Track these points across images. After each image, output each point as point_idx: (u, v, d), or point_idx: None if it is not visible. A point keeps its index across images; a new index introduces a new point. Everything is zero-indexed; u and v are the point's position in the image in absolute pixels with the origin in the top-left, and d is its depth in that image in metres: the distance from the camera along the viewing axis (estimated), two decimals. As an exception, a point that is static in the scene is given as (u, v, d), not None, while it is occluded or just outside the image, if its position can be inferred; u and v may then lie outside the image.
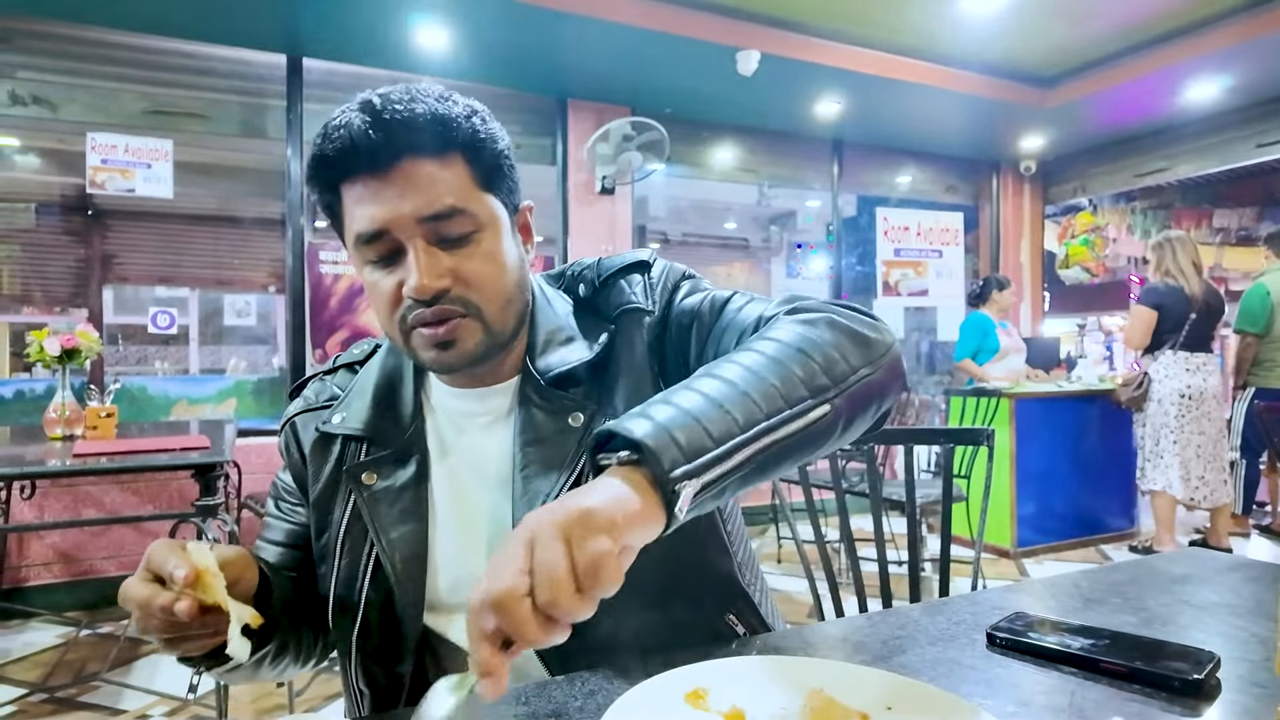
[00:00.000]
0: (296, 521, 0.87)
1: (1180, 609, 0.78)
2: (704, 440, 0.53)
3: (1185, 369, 3.68)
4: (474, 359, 0.74)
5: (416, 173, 0.68)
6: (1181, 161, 5.21)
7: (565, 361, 0.78)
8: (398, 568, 0.77)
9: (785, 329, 0.65)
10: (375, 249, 0.71)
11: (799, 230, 7.53)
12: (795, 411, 0.58)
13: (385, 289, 0.71)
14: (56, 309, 4.37)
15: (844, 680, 0.57)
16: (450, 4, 3.28)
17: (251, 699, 2.39)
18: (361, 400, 0.83)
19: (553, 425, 0.77)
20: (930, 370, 6.66)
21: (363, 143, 0.67)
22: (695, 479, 0.52)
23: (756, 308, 0.77)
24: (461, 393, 0.82)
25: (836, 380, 0.61)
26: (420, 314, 0.71)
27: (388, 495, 0.79)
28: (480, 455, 0.80)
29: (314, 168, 0.71)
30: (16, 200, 4.03)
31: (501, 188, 0.75)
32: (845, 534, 1.42)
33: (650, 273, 0.85)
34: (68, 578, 3.28)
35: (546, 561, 0.45)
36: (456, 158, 0.71)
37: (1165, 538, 3.74)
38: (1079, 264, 6.66)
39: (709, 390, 0.57)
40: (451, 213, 0.69)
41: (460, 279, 0.71)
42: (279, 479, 0.90)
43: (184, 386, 5.02)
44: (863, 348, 0.65)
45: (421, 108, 0.69)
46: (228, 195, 4.82)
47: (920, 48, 4.13)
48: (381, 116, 0.67)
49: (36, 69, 3.48)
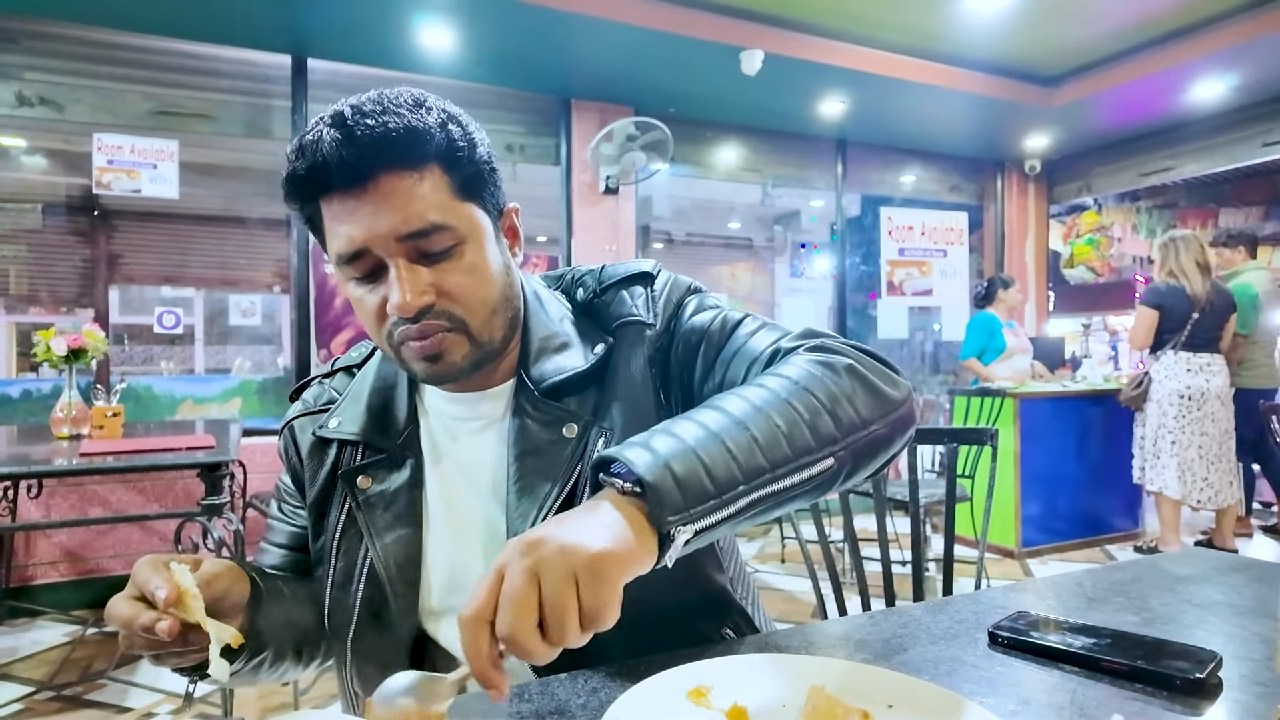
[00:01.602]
0: (297, 524, 0.87)
1: (1183, 608, 0.78)
2: (705, 485, 0.53)
3: (1186, 369, 3.66)
4: (463, 371, 0.74)
5: (392, 189, 0.66)
6: (1187, 161, 5.19)
7: (560, 370, 0.78)
8: (391, 571, 0.77)
9: (802, 367, 0.64)
10: (357, 267, 0.70)
11: (803, 230, 7.52)
12: (800, 464, 0.58)
13: (370, 305, 0.71)
14: (63, 309, 4.39)
15: (845, 678, 0.57)
16: (454, 4, 3.29)
17: (257, 696, 2.40)
18: (357, 405, 0.83)
19: (546, 436, 0.76)
20: (935, 370, 6.65)
21: (335, 160, 0.65)
22: (691, 525, 0.53)
23: (769, 336, 0.75)
24: (455, 397, 0.81)
25: (845, 433, 0.61)
26: (406, 330, 0.70)
27: (382, 500, 0.79)
28: (473, 462, 0.80)
29: (289, 185, 0.70)
30: (23, 201, 4.05)
31: (482, 194, 0.73)
32: (849, 533, 1.42)
33: (653, 285, 0.83)
34: (74, 576, 3.29)
35: (557, 605, 0.46)
36: (433, 169, 0.69)
37: (1170, 538, 3.73)
38: (1084, 263, 6.64)
39: (716, 428, 0.57)
40: (431, 229, 0.68)
41: (444, 293, 0.70)
42: (281, 481, 0.91)
43: (189, 386, 5.04)
44: (877, 400, 0.64)
45: (394, 121, 0.66)
46: (233, 195, 4.83)
47: (924, 47, 4.13)
48: (354, 132, 0.65)
49: (43, 70, 3.49)
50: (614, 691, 0.57)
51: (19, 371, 5.00)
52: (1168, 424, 3.68)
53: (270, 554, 0.88)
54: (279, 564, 0.87)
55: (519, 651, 0.46)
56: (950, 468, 1.40)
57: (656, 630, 0.73)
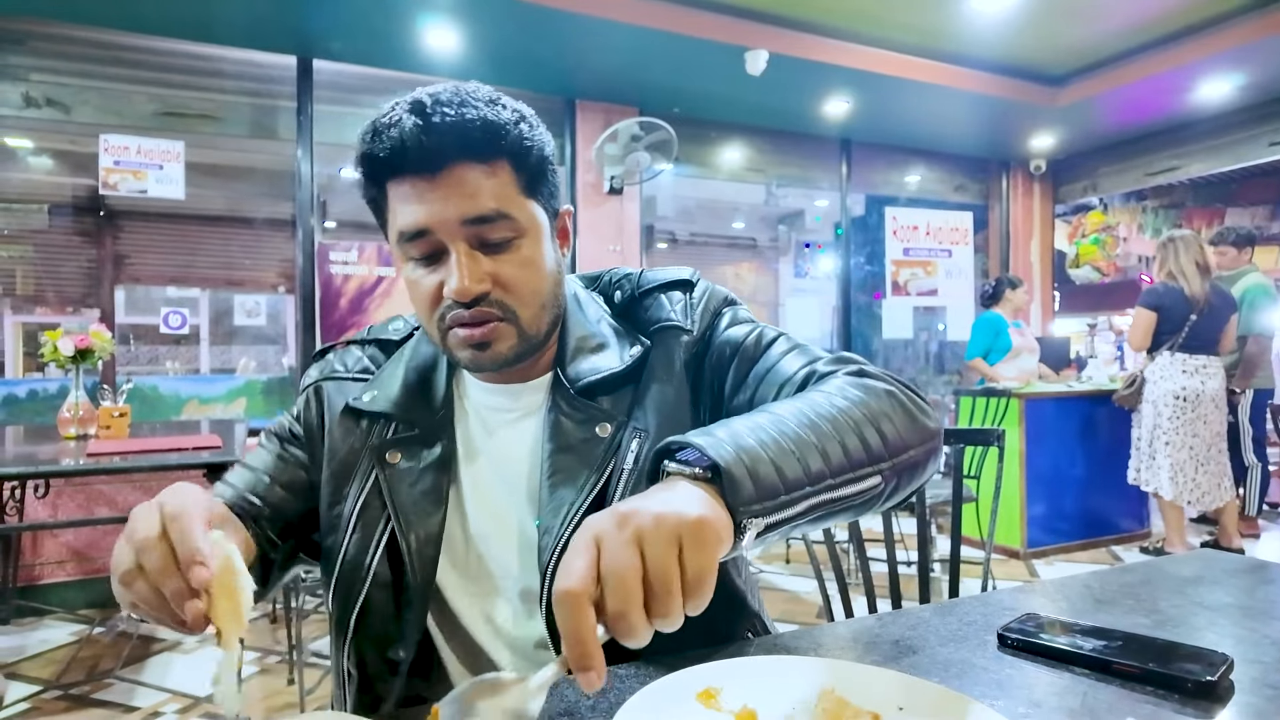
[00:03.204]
0: (283, 457, 0.85)
1: (1192, 610, 0.77)
2: (774, 480, 0.54)
3: (1182, 371, 3.65)
4: (507, 361, 0.75)
5: (463, 177, 0.69)
6: (1193, 160, 5.18)
7: (596, 370, 0.79)
8: (413, 546, 0.77)
9: (848, 389, 0.66)
10: (418, 247, 0.72)
11: (807, 230, 7.51)
12: (855, 475, 0.59)
13: (426, 287, 0.73)
14: (69, 309, 4.40)
15: (855, 680, 0.57)
16: (459, 5, 3.29)
17: (264, 695, 2.41)
18: (395, 381, 0.83)
19: (580, 434, 0.77)
20: (940, 370, 6.64)
21: (413, 145, 0.68)
22: (762, 519, 0.53)
23: (802, 359, 0.77)
24: (492, 388, 0.83)
25: (892, 454, 0.62)
26: (459, 314, 0.72)
27: (409, 475, 0.79)
28: (506, 453, 0.81)
29: (362, 164, 0.73)
30: (30, 201, 4.06)
31: (543, 193, 0.76)
32: (855, 535, 1.42)
33: (692, 293, 0.85)
34: (81, 576, 3.31)
35: (663, 573, 0.45)
36: (503, 164, 0.71)
37: (1175, 539, 3.72)
38: (1089, 263, 6.62)
39: (777, 431, 0.58)
40: (495, 217, 0.70)
41: (499, 283, 0.72)
42: (285, 422, 0.88)
43: (195, 386, 5.05)
44: (917, 427, 0.66)
45: (472, 113, 0.69)
46: (239, 196, 4.85)
47: (929, 46, 4.12)
48: (431, 120, 0.68)
49: (50, 71, 3.51)
50: (623, 693, 0.57)
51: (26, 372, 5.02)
52: (1162, 425, 3.67)
53: (239, 475, 0.83)
54: (242, 485, 0.82)
55: (626, 629, 0.44)
56: (956, 468, 1.39)
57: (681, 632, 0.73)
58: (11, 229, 4.00)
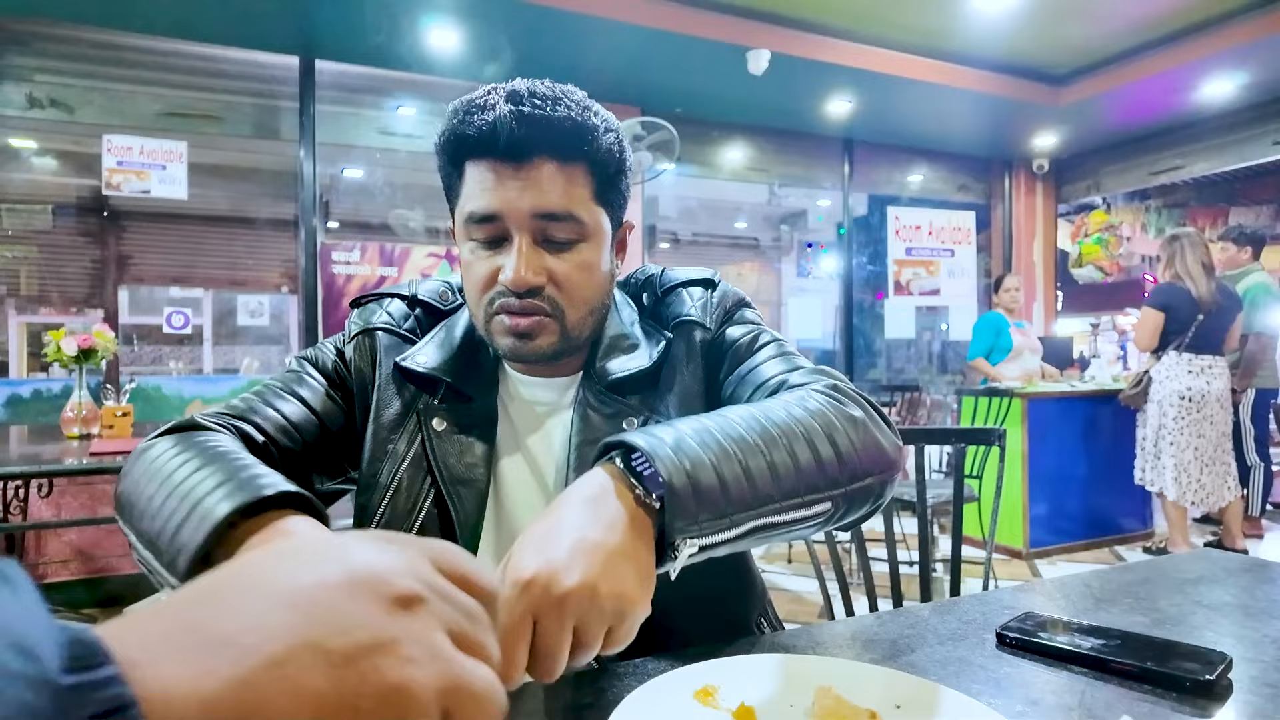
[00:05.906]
0: (331, 397, 0.82)
1: (1192, 609, 0.77)
2: (719, 500, 0.55)
3: (1188, 371, 3.64)
4: (545, 356, 0.76)
5: (542, 171, 0.71)
6: (1196, 159, 5.17)
7: (625, 368, 0.80)
8: (461, 516, 0.76)
9: (818, 405, 0.66)
10: (484, 230, 0.73)
11: (810, 229, 7.51)
12: (803, 501, 0.60)
13: (482, 270, 0.74)
14: (73, 309, 4.42)
15: (853, 678, 0.57)
16: (461, 5, 3.30)
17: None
18: (446, 348, 0.82)
19: (607, 428, 0.78)
20: (942, 369, 6.64)
21: (503, 132, 0.69)
22: (696, 540, 0.54)
23: (781, 365, 0.78)
24: (530, 380, 0.84)
25: (847, 479, 0.63)
26: (508, 302, 0.73)
27: (457, 446, 0.79)
28: (536, 442, 0.82)
29: (447, 141, 0.74)
30: (34, 202, 4.08)
31: (613, 202, 0.78)
32: (856, 534, 1.42)
33: (713, 292, 0.87)
34: (85, 575, 3.31)
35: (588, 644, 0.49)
36: (582, 166, 0.73)
37: (1178, 539, 3.71)
38: (1092, 263, 6.61)
39: (734, 444, 0.58)
40: (564, 216, 0.72)
41: (554, 280, 0.74)
42: (327, 361, 0.84)
43: (198, 386, 5.05)
44: (878, 454, 0.66)
45: (563, 112, 0.71)
46: (241, 196, 4.86)
47: (931, 46, 4.11)
48: (524, 110, 0.69)
49: (53, 72, 3.52)
50: (620, 691, 0.57)
51: (30, 372, 5.03)
52: (1167, 425, 3.66)
53: (291, 405, 0.80)
54: (298, 420, 0.79)
55: (543, 675, 0.48)
56: (958, 468, 1.39)
57: (693, 618, 0.75)
58: (16, 229, 4.01)
